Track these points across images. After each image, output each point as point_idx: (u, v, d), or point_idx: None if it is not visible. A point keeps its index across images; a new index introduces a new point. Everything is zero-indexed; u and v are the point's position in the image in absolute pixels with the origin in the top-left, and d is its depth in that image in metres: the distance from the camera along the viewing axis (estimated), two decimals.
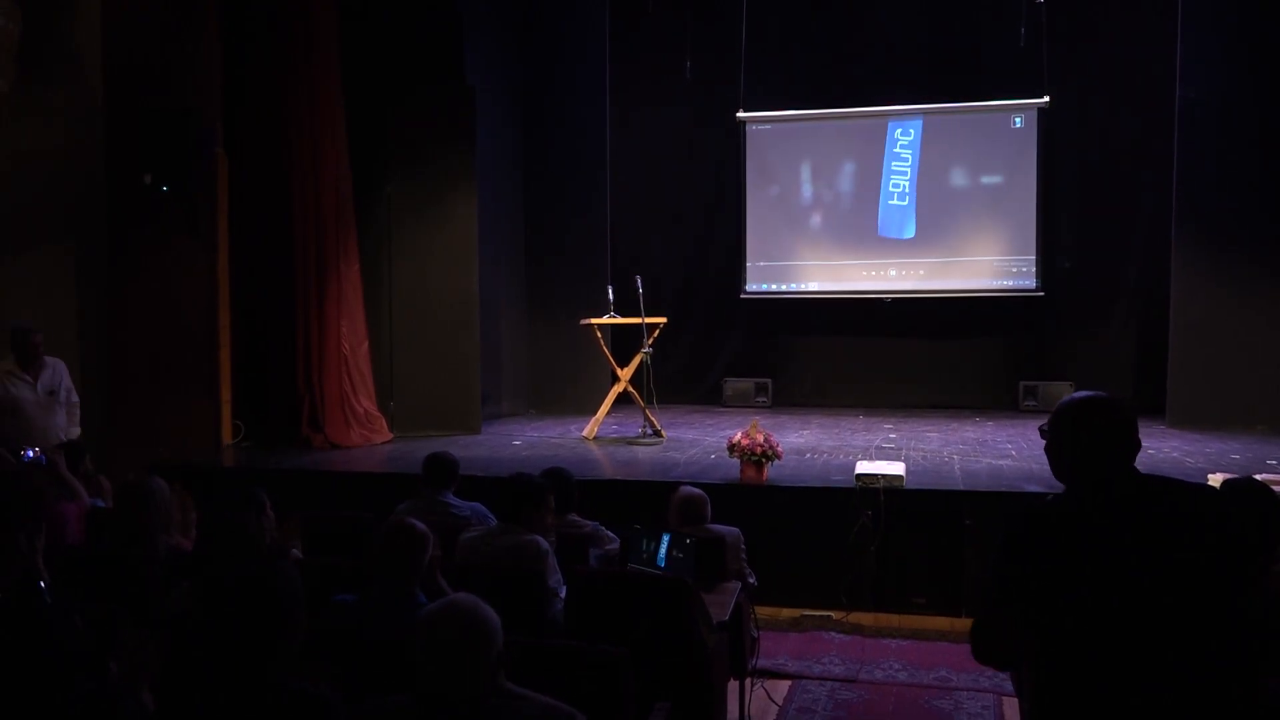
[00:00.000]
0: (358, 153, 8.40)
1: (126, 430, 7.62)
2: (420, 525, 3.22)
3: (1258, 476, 5.72)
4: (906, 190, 10.54)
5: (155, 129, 7.59)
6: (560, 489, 4.37)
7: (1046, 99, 9.85)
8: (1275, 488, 5.68)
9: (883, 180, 10.58)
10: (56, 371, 6.07)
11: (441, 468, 4.68)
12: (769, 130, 10.85)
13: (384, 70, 8.59)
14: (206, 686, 2.15)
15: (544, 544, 3.76)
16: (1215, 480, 5.46)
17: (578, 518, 4.45)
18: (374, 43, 8.60)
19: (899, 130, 10.52)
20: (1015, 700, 4.24)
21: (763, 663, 4.71)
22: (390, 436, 8.33)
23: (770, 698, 4.56)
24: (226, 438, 7.96)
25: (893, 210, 10.58)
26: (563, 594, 3.65)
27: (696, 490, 4.46)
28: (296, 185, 8.05)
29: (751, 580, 4.41)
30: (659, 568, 3.90)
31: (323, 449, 7.85)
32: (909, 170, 10.53)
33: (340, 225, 8.24)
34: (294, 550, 4.07)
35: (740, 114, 10.49)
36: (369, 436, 8.16)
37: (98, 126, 7.79)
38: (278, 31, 8.08)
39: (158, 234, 7.82)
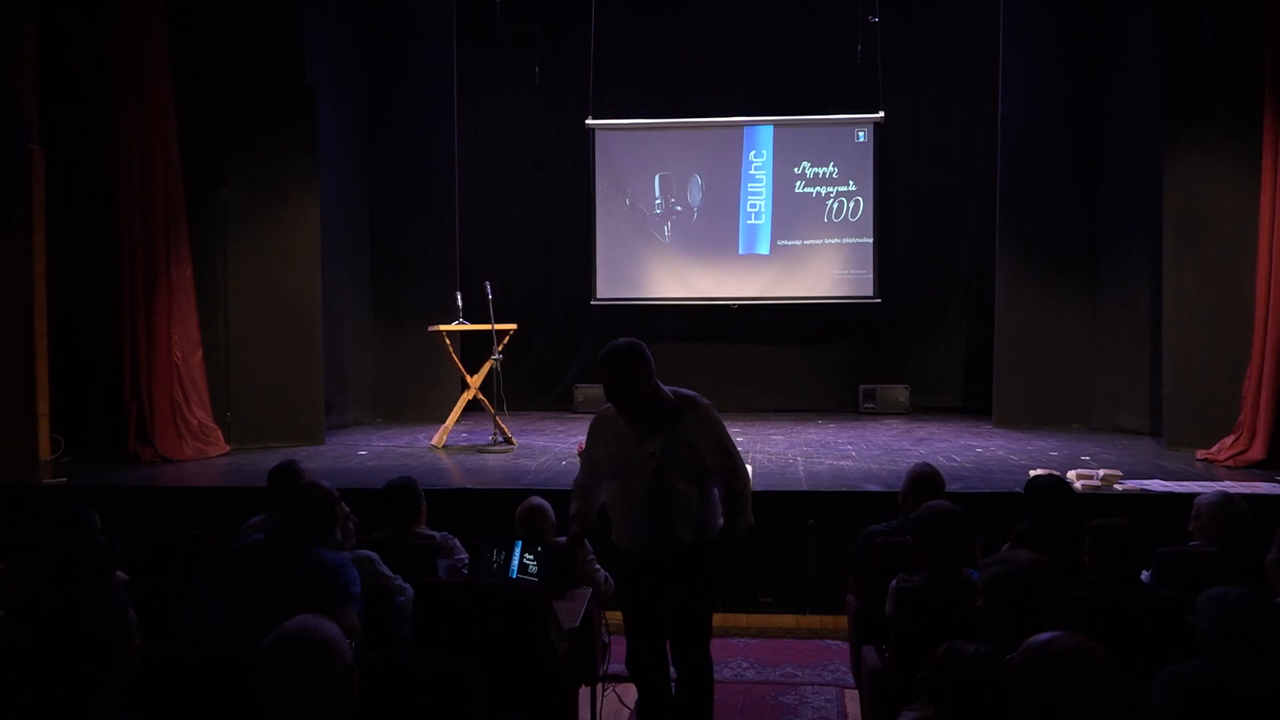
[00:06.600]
0: (192, 153, 8.00)
1: None
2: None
3: (1072, 473, 6.15)
4: (762, 210, 10.82)
5: None
6: (406, 499, 4.28)
7: (881, 114, 10.30)
8: (1084, 483, 6.13)
9: (740, 201, 10.82)
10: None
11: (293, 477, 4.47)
12: (619, 138, 10.93)
13: (220, 68, 8.18)
14: None
15: (368, 552, 3.68)
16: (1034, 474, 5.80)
17: (426, 528, 4.36)
18: (209, 40, 8.18)
19: (753, 152, 10.78)
20: (856, 692, 4.42)
21: (614, 667, 4.71)
22: (227, 448, 7.97)
23: (622, 702, 4.58)
24: (44, 453, 7.43)
25: (751, 229, 10.85)
26: (410, 593, 3.56)
27: (538, 501, 4.39)
28: (123, 184, 7.62)
29: (609, 581, 4.40)
30: (510, 577, 3.87)
31: (153, 463, 7.45)
32: (764, 191, 10.81)
33: (171, 227, 7.84)
34: (119, 573, 3.82)
35: (589, 121, 10.54)
36: (203, 449, 7.79)
37: None
38: (103, 21, 7.62)
39: None
